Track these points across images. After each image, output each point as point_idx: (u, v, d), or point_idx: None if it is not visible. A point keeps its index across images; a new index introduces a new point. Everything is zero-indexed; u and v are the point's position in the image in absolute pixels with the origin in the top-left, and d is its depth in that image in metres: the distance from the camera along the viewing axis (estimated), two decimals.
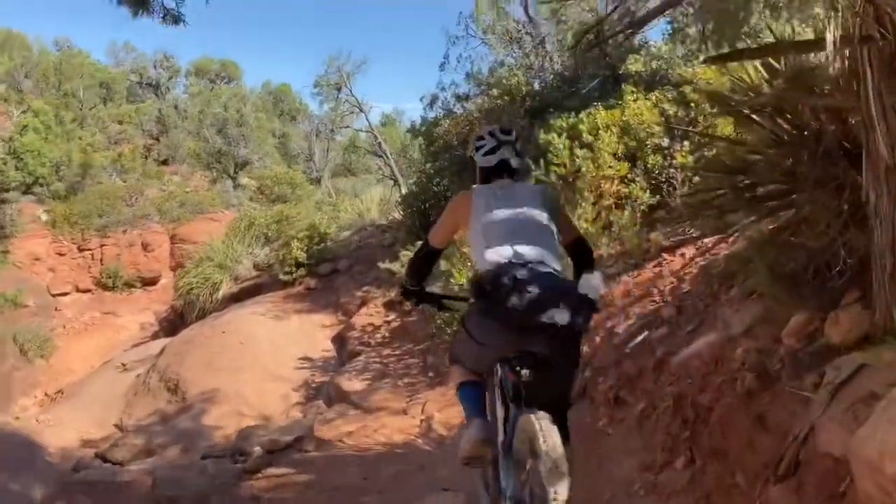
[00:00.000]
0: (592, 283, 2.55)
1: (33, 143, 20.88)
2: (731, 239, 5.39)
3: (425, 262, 3.16)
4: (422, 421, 6.28)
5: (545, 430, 2.38)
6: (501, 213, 2.83)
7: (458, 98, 13.24)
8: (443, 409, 6.33)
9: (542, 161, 7.13)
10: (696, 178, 6.56)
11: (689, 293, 5.04)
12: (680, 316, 4.76)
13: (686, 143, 6.77)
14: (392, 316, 8.87)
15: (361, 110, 27.67)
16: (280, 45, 71.29)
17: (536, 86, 9.13)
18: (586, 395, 5.03)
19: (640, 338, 4.83)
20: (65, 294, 20.50)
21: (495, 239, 2.76)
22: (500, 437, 2.76)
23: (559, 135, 7.52)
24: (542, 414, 2.46)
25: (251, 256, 13.80)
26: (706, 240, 5.88)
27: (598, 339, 5.39)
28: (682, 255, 5.84)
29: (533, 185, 3.77)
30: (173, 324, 14.31)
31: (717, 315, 4.33)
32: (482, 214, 2.84)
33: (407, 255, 9.30)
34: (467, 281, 4.45)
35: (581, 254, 3.04)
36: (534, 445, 2.41)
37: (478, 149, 3.02)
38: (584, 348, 4.83)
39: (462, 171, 9.77)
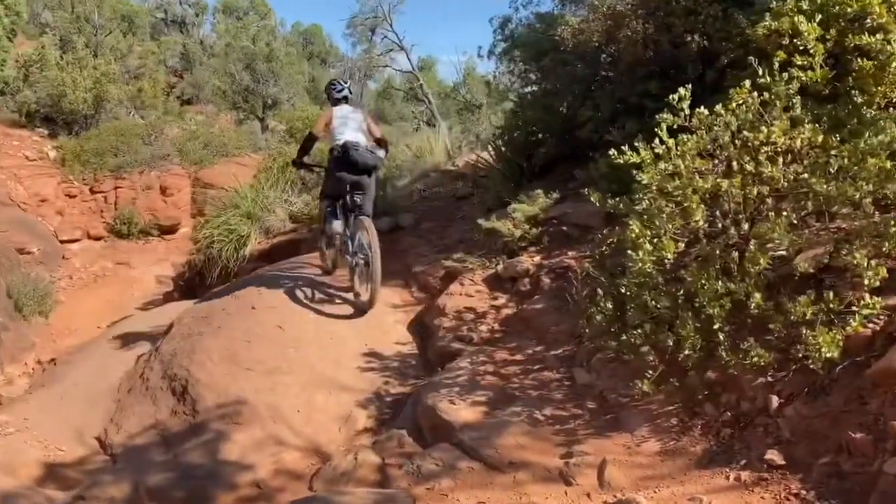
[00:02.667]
0: (380, 152, 6.40)
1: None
2: None
3: (310, 145, 6.63)
4: None
5: (367, 223, 5.99)
6: (345, 120, 6.34)
7: (540, 17, 10.13)
8: (648, 483, 3.36)
9: (760, 62, 3.96)
10: None
11: None
12: None
13: None
14: (501, 298, 5.78)
15: (402, 48, 24.23)
16: None
17: None
18: None
19: None
20: (74, 241, 17.53)
21: (342, 131, 6.24)
22: (348, 230, 6.39)
23: (809, 18, 4.36)
24: (364, 218, 6.12)
25: (286, 205, 10.77)
26: None
27: None
28: None
29: (357, 108, 6.69)
30: (191, 284, 11.33)
31: None
32: (337, 119, 6.35)
33: (520, 209, 6.23)
34: (327, 152, 6.61)
35: (379, 142, 6.52)
36: (363, 228, 6.03)
37: (332, 88, 6.67)
38: None
39: (590, 91, 6.59)
